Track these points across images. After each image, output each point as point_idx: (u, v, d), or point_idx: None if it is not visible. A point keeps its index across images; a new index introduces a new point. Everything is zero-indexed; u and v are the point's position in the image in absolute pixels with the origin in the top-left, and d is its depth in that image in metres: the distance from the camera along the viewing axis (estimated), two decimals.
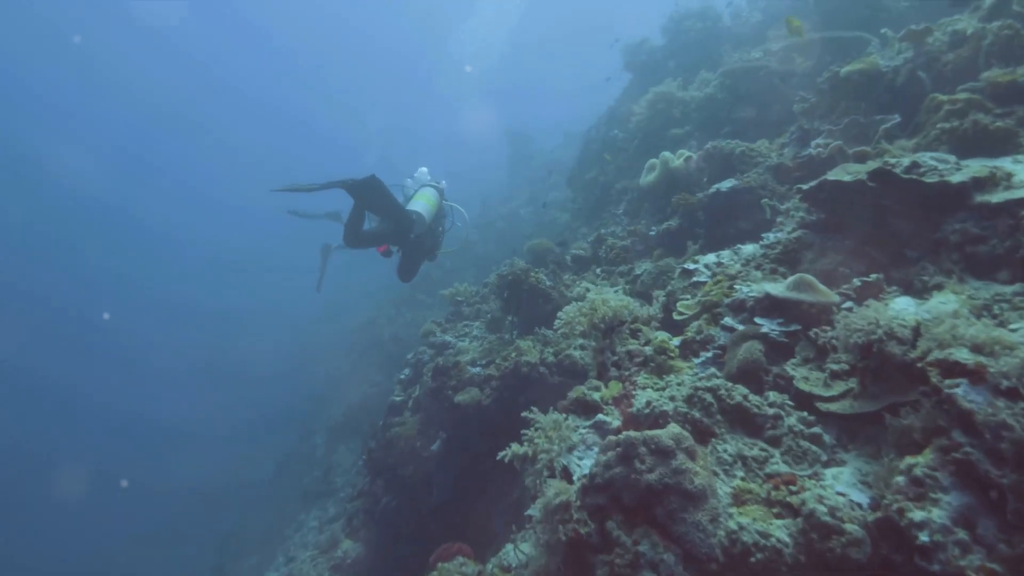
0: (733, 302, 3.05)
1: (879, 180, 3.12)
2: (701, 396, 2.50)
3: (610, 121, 11.55)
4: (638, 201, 8.80)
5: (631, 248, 7.40)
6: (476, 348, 7.46)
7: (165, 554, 16.79)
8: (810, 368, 2.62)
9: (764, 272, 3.42)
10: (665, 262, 6.48)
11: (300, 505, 14.06)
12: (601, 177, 10.69)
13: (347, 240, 6.66)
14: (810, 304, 2.77)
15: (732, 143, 6.13)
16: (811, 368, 2.62)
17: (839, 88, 5.48)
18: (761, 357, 2.67)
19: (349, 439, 14.31)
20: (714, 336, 2.96)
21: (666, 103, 9.25)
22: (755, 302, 2.95)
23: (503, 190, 22.34)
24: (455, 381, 6.61)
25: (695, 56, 10.45)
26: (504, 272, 6.97)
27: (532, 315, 6.92)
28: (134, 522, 17.78)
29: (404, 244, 6.98)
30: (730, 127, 8.31)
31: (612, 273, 7.19)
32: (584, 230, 10.66)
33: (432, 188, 7.26)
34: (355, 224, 6.67)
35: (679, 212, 6.89)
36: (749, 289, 3.06)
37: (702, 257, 4.16)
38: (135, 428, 23.77)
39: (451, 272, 16.13)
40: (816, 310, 2.78)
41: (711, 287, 3.46)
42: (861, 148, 4.81)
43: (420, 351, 8.74)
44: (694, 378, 2.80)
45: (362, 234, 6.60)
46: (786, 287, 2.84)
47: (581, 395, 2.95)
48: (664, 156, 7.26)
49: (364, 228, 6.70)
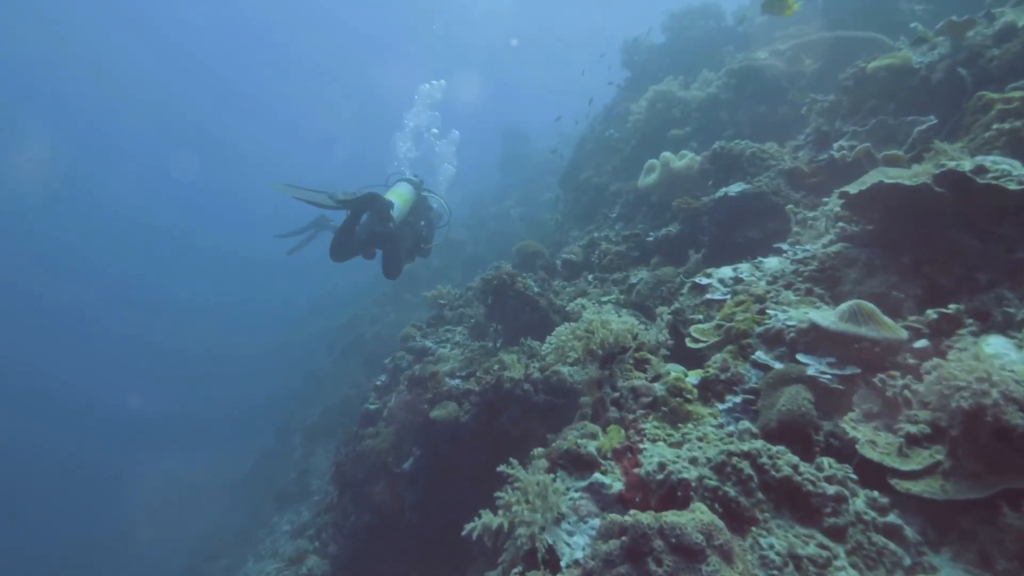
0: (767, 332, 2.37)
1: (949, 186, 2.44)
2: (736, 464, 1.81)
3: (606, 120, 10.86)
4: (634, 204, 8.12)
5: (626, 254, 6.72)
6: (457, 357, 6.75)
7: (137, 553, 15.90)
8: (876, 427, 1.93)
9: (798, 293, 2.74)
10: (664, 271, 5.80)
11: (274, 507, 13.28)
12: (595, 178, 10.01)
13: (334, 256, 5.90)
14: (872, 341, 2.09)
15: (742, 144, 5.46)
16: (877, 427, 1.93)
17: (865, 85, 4.83)
18: (810, 409, 1.99)
19: (326, 441, 13.53)
20: (743, 375, 2.28)
21: (666, 103, 8.58)
22: (797, 334, 2.27)
23: (495, 190, 21.60)
24: (432, 394, 5.88)
25: (696, 55, 9.80)
26: (489, 277, 6.26)
27: (518, 323, 6.21)
28: (105, 518, 16.84)
29: (384, 243, 6.27)
30: (733, 129, 7.66)
31: (605, 281, 6.50)
32: (576, 232, 9.97)
33: (405, 183, 6.56)
34: (345, 237, 5.90)
35: (680, 217, 6.21)
36: (787, 316, 2.38)
37: (716, 270, 3.47)
38: (112, 421, 22.73)
39: (439, 271, 15.37)
40: (880, 349, 2.10)
41: (733, 309, 2.77)
42: (892, 152, 4.16)
43: (398, 356, 8.00)
44: (720, 433, 2.11)
45: (350, 248, 5.93)
46: (839, 317, 2.16)
47: (573, 446, 2.25)
48: (665, 156, 6.59)
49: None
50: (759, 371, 2.28)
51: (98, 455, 19.89)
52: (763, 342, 2.36)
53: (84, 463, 19.74)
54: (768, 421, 2.05)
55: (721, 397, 2.28)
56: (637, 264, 6.60)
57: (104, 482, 18.59)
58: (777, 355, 2.27)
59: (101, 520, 17.05)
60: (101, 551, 16.77)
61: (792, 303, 2.62)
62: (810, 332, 2.23)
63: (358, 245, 6.24)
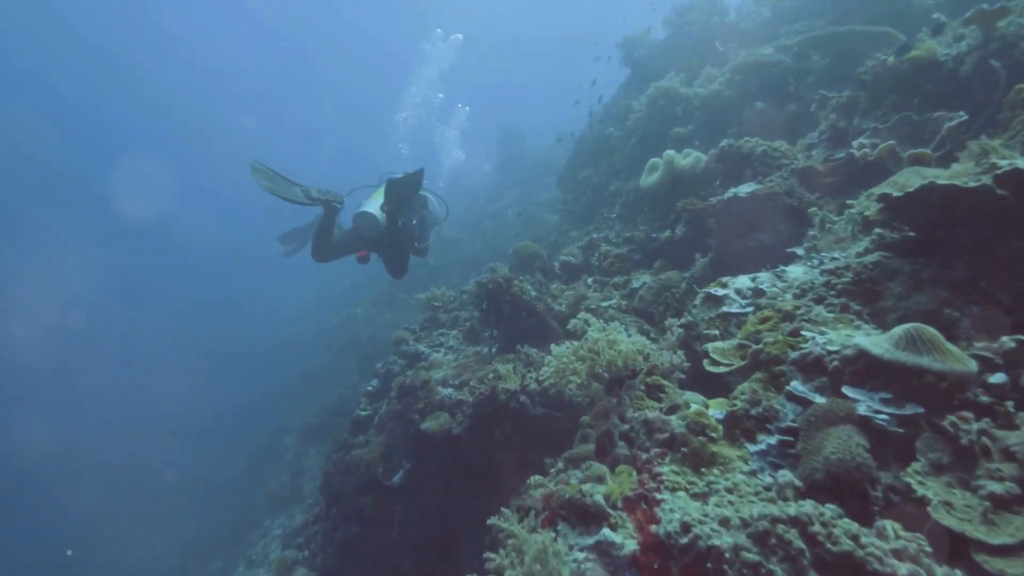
0: (804, 358, 1.99)
1: (1014, 188, 2.07)
2: (783, 535, 1.44)
3: (605, 118, 10.47)
4: (634, 205, 7.74)
5: (627, 257, 6.34)
6: (450, 363, 6.37)
7: (127, 551, 15.49)
8: (949, 483, 1.56)
9: (831, 309, 2.37)
10: (668, 275, 5.43)
11: (267, 510, 12.91)
12: (594, 177, 9.63)
13: (316, 255, 5.64)
14: (937, 374, 1.71)
15: (752, 141, 5.08)
16: (950, 482, 1.56)
17: (886, 79, 4.45)
18: (867, 459, 1.61)
19: (320, 443, 13.16)
20: (778, 412, 1.90)
21: (668, 99, 8.19)
22: (841, 362, 1.89)
23: (492, 189, 21.18)
24: (423, 404, 5.50)
25: (699, 51, 9.40)
26: (484, 280, 5.87)
27: (514, 330, 5.83)
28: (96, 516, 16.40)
29: (379, 247, 5.91)
30: (738, 127, 7.28)
31: (605, 284, 6.12)
32: (574, 233, 9.59)
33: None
34: (324, 236, 5.55)
35: (685, 219, 5.83)
36: (827, 340, 2.00)
37: (732, 280, 3.09)
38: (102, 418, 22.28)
39: (435, 271, 14.98)
40: (947, 384, 1.72)
41: (758, 327, 2.40)
42: (920, 151, 3.79)
43: (390, 361, 7.61)
44: (755, 484, 1.73)
45: (331, 246, 5.63)
46: (893, 343, 1.78)
47: (577, 494, 1.87)
48: (668, 155, 6.20)
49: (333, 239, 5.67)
50: (796, 405, 1.91)
51: (88, 452, 19.44)
52: (799, 370, 1.98)
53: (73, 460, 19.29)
54: (813, 471, 1.68)
55: (752, 436, 1.91)
56: (639, 267, 6.22)
57: (94, 479, 18.17)
58: (817, 386, 1.90)
59: (91, 518, 16.62)
60: (91, 550, 16.37)
61: (827, 321, 2.24)
62: (858, 360, 1.85)
63: (352, 246, 5.91)
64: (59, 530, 17.12)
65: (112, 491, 17.71)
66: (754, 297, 2.86)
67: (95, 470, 18.36)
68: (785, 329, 2.25)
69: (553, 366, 2.33)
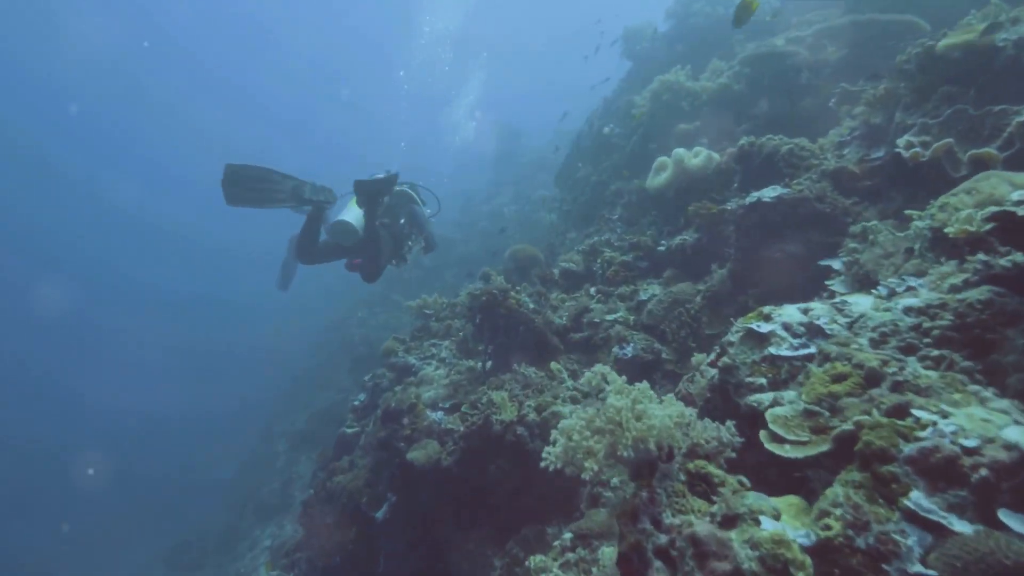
0: (923, 455, 1.36)
1: None
2: None
3: (605, 115, 9.78)
4: (638, 206, 7.10)
5: (633, 265, 5.70)
6: (441, 379, 5.75)
7: (112, 558, 14.86)
8: None
9: (926, 364, 1.74)
10: (680, 288, 4.79)
11: (256, 519, 12.28)
12: (593, 176, 8.96)
13: (301, 256, 5.17)
14: None
15: (775, 139, 4.43)
16: None
17: (933, 69, 3.81)
18: None
19: (311, 448, 12.51)
20: (899, 545, 1.27)
21: (673, 94, 7.53)
22: (992, 471, 1.27)
23: (487, 187, 20.47)
24: (409, 430, 4.86)
25: (704, 44, 8.74)
26: (476, 291, 5.22)
27: (510, 346, 5.20)
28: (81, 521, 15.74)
29: (362, 253, 5.29)
30: (749, 123, 6.64)
31: (610, 295, 5.48)
32: (573, 235, 8.94)
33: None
34: (310, 238, 5.04)
35: (696, 224, 5.20)
36: (954, 427, 1.37)
37: (777, 310, 2.45)
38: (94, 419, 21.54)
39: (430, 271, 14.31)
40: None
41: (829, 386, 1.76)
42: (984, 150, 3.16)
43: (379, 374, 6.97)
44: None
45: (317, 250, 5.15)
46: None
47: None
48: (678, 154, 5.55)
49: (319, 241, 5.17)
50: (920, 530, 1.28)
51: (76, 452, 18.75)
52: (919, 473, 1.35)
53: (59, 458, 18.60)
54: None
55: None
56: (646, 276, 5.58)
57: (83, 480, 17.50)
58: (953, 504, 1.27)
59: (80, 521, 15.97)
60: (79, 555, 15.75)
61: (936, 388, 1.60)
62: (1018, 470, 1.23)
63: (333, 252, 5.27)
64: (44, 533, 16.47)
65: (99, 492, 17.05)
66: (809, 336, 2.22)
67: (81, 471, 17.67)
68: (878, 399, 1.61)
69: (560, 445, 1.70)
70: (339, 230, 4.82)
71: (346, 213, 4.86)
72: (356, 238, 4.85)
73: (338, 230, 4.83)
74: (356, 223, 4.79)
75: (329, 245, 5.17)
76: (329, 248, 5.20)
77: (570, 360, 5.16)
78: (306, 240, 4.98)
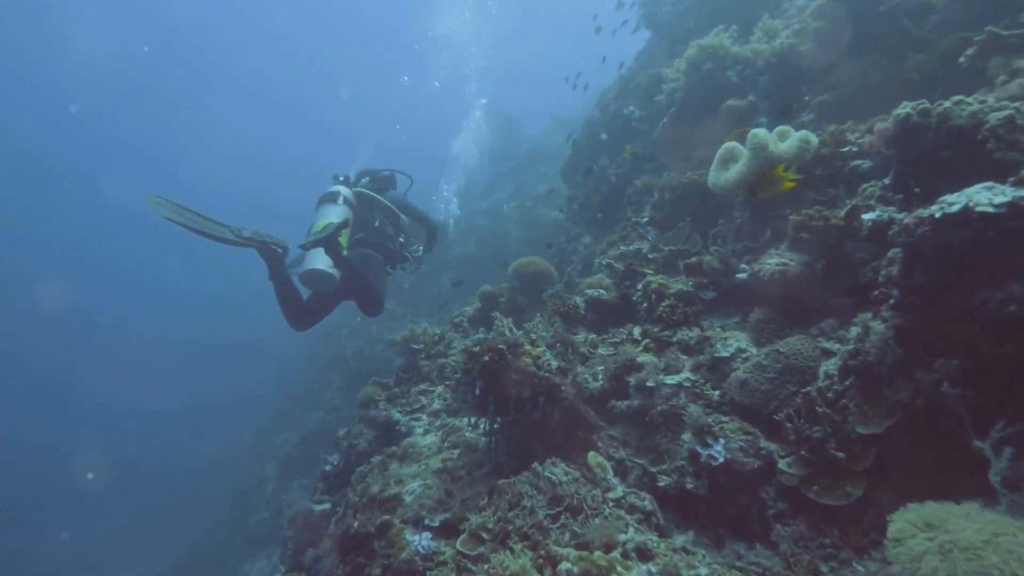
0: None
1: None
2: None
3: (622, 94, 7.73)
4: (673, 205, 5.16)
5: (693, 296, 3.77)
6: (432, 451, 3.94)
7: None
8: None
9: None
10: (793, 344, 2.88)
11: (245, 552, 10.53)
12: (610, 169, 6.96)
13: (295, 325, 4.21)
14: None
15: (973, 104, 2.49)
16: None
17: None
18: None
19: (302, 474, 10.73)
20: None
21: (716, 62, 5.54)
22: None
23: (484, 180, 18.34)
24: (381, 568, 2.99)
25: (742, 5, 6.68)
26: (475, 349, 3.29)
27: (526, 429, 3.31)
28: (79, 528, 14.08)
29: (351, 292, 4.25)
30: (828, 94, 4.71)
31: (667, 345, 3.57)
32: (587, 239, 7.00)
33: (336, 189, 4.37)
34: (290, 300, 4.07)
35: (796, 241, 3.27)
36: None
37: None
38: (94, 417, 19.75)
39: (424, 276, 12.34)
40: None
41: None
42: None
43: (355, 432, 5.12)
44: None
45: (303, 310, 4.18)
46: None
47: None
48: (758, 136, 3.56)
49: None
50: None
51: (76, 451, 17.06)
52: None
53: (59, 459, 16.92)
54: None
55: None
56: (714, 313, 3.68)
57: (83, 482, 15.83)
58: None
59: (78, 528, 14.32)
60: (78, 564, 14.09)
61: None
62: None
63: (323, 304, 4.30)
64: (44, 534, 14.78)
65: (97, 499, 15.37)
66: None
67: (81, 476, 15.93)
68: None
69: None
70: (314, 280, 4.01)
71: (313, 260, 3.95)
72: (335, 282, 4.01)
73: (313, 280, 4.02)
74: (327, 268, 3.92)
75: (315, 299, 4.27)
76: (318, 302, 4.27)
77: (613, 442, 3.29)
78: (288, 306, 4.06)
